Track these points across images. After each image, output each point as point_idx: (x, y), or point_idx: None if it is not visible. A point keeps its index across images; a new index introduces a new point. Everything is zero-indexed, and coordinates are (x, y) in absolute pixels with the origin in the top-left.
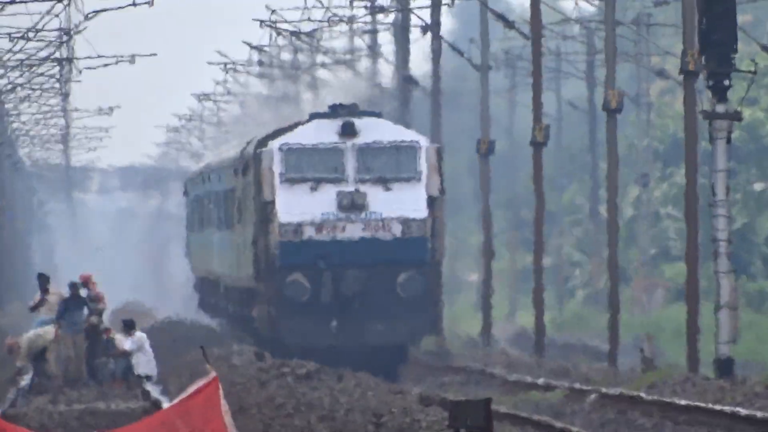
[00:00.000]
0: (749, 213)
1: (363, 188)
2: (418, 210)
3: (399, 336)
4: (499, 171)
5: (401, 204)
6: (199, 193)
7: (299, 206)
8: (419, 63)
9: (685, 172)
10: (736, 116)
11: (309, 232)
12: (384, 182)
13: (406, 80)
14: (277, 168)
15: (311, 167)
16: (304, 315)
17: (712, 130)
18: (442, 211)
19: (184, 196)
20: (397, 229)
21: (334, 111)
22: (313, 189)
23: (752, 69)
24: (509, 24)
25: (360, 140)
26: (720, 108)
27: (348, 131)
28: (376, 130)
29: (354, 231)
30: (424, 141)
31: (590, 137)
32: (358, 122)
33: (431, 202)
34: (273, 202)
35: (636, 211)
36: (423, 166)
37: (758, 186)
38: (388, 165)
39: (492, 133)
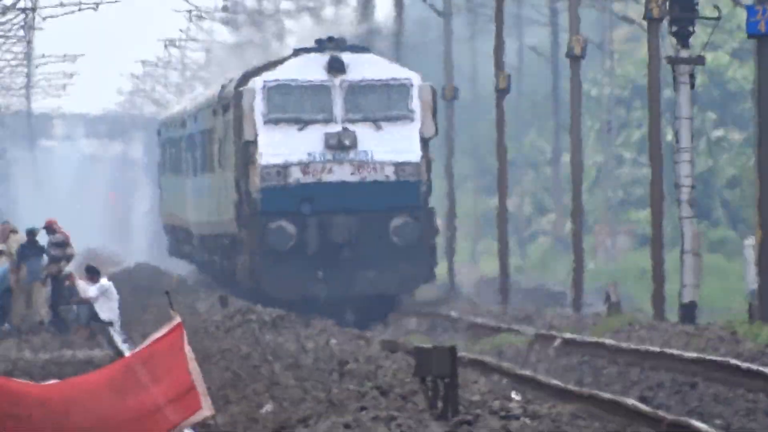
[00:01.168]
0: (710, 158)
1: (352, 128)
2: (412, 151)
3: (392, 286)
4: (462, 118)
5: (393, 145)
6: (173, 136)
7: (283, 147)
8: (383, 9)
9: (648, 118)
10: (700, 60)
11: (294, 175)
12: (375, 122)
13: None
14: (260, 107)
15: (296, 106)
16: (289, 264)
17: (676, 75)
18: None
19: (158, 137)
20: (389, 172)
21: (321, 45)
22: (299, 129)
23: (716, 15)
24: None
25: (348, 77)
26: (683, 53)
27: (336, 67)
28: (365, 67)
29: (342, 173)
30: (417, 79)
31: (553, 84)
32: (347, 58)
33: (425, 143)
34: (255, 143)
35: (600, 157)
36: (416, 105)
37: (717, 132)
38: (379, 103)
39: (455, 81)
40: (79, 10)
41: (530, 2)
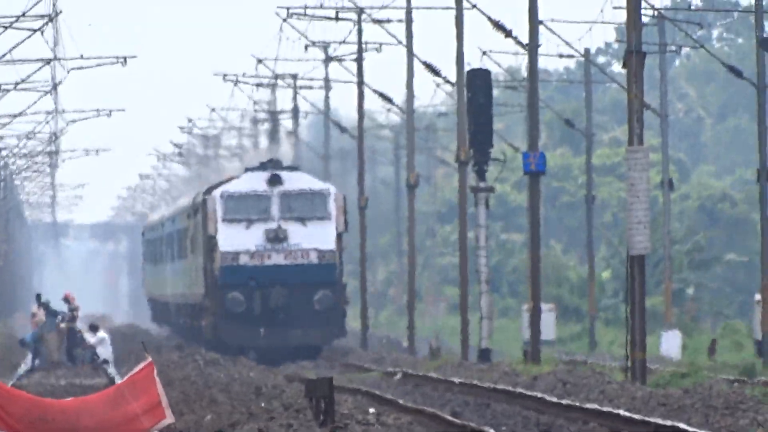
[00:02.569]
0: (500, 253)
1: (285, 225)
2: (329, 242)
3: (314, 340)
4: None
5: (316, 237)
6: (153, 236)
7: (236, 239)
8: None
9: (458, 227)
10: (491, 189)
11: (244, 259)
12: (302, 220)
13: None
14: (219, 210)
15: (245, 209)
16: (241, 323)
17: (476, 198)
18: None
19: (142, 237)
20: (312, 257)
21: (263, 165)
22: (247, 226)
23: (503, 159)
24: (344, 130)
25: (283, 188)
26: (482, 184)
27: (274, 181)
28: (296, 180)
29: (278, 258)
30: (333, 189)
31: (396, 205)
32: (283, 174)
33: (339, 236)
34: (215, 237)
35: (427, 252)
36: (332, 208)
37: (504, 236)
38: (305, 207)
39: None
40: (97, 152)
41: (379, 150)
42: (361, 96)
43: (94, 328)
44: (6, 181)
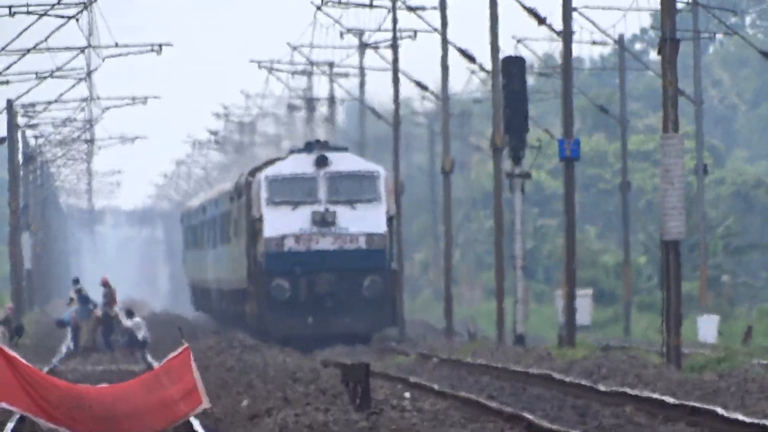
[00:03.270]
0: (535, 238)
1: (333, 208)
2: (379, 226)
3: (363, 328)
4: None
5: (365, 221)
6: (194, 222)
7: (281, 223)
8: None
9: (494, 213)
10: (528, 175)
11: (289, 244)
12: (350, 203)
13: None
14: (264, 193)
15: (291, 192)
16: (286, 311)
17: (512, 184)
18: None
19: (181, 224)
20: (361, 242)
21: (310, 146)
22: (293, 209)
23: (538, 145)
24: (380, 117)
25: (331, 169)
26: (517, 170)
27: (321, 162)
28: (344, 161)
29: (325, 243)
30: (382, 170)
31: (431, 191)
32: (330, 155)
33: (389, 220)
34: (261, 220)
35: (463, 237)
36: (382, 190)
37: (540, 222)
38: (354, 189)
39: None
40: (133, 141)
41: (416, 137)
42: (396, 83)
43: (130, 314)
44: (42, 168)
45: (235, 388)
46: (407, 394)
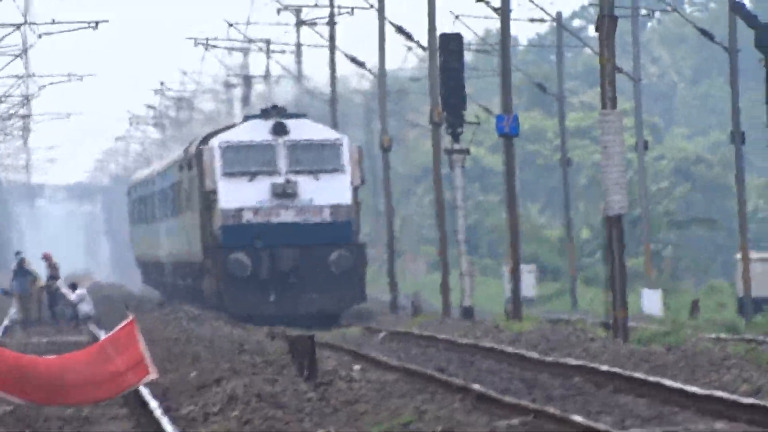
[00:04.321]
0: (477, 213)
1: (294, 178)
2: (345, 197)
3: (331, 306)
4: None
5: (329, 192)
6: (142, 194)
7: (238, 195)
8: None
9: (434, 188)
10: (466, 151)
11: (248, 216)
12: (313, 173)
13: None
14: (218, 163)
15: (247, 161)
16: (246, 288)
17: (452, 161)
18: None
19: (128, 197)
20: (326, 214)
21: (266, 113)
22: (250, 180)
23: (477, 121)
24: (316, 95)
25: (290, 137)
26: (456, 146)
27: (279, 130)
28: (304, 129)
29: (287, 215)
30: (346, 139)
31: (371, 168)
32: (288, 122)
33: (355, 190)
34: (215, 191)
35: (404, 212)
36: (346, 159)
37: (481, 197)
38: (316, 158)
39: None
40: (68, 116)
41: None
42: (332, 60)
43: (73, 286)
44: None
45: (183, 360)
46: (356, 366)
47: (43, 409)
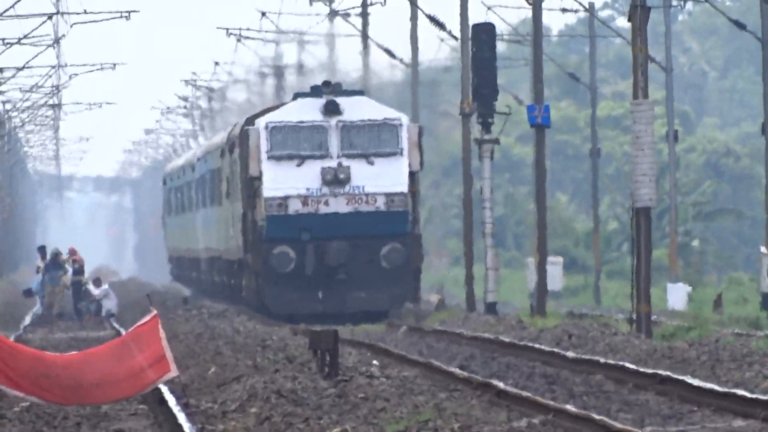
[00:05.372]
0: (505, 206)
1: (346, 163)
2: (401, 184)
3: (381, 304)
4: None
5: (384, 178)
6: (178, 183)
7: (285, 181)
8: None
9: (462, 179)
10: (496, 141)
11: (294, 206)
12: (367, 157)
13: None
14: (263, 145)
15: (296, 143)
16: (290, 285)
17: (481, 151)
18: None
19: (163, 185)
20: (380, 202)
21: (317, 90)
22: (298, 165)
23: (507, 111)
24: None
25: (343, 117)
26: (486, 136)
27: (332, 109)
28: (359, 108)
29: (338, 204)
30: (405, 119)
31: None
32: (342, 101)
33: (412, 176)
34: (259, 178)
35: (431, 203)
36: (405, 142)
37: (510, 189)
38: (372, 140)
39: None
40: (100, 106)
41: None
42: (366, 51)
43: (97, 282)
44: (10, 134)
45: (203, 356)
46: (375, 362)
47: (62, 407)
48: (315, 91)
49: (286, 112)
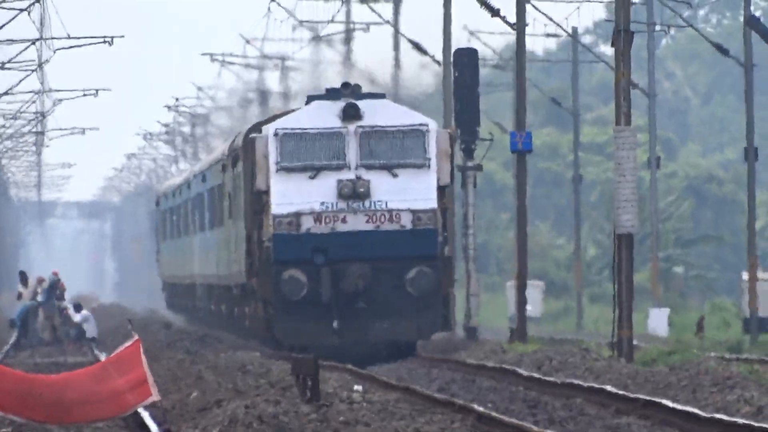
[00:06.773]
0: (487, 232)
1: (366, 175)
2: (429, 199)
3: (406, 335)
4: None
5: (410, 192)
6: (174, 203)
7: (296, 196)
8: None
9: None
10: (479, 168)
11: (307, 224)
12: (390, 168)
13: None
14: (272, 155)
15: (309, 153)
16: (302, 314)
17: (464, 177)
18: (452, 200)
19: (156, 207)
20: (405, 220)
21: (335, 93)
22: (312, 177)
23: (491, 138)
24: None
25: (364, 123)
26: (469, 163)
27: (351, 114)
28: (381, 112)
29: (357, 222)
30: (433, 125)
31: None
32: (363, 104)
33: (441, 190)
34: (267, 192)
35: None
36: (432, 151)
37: (491, 215)
38: (395, 150)
39: None
40: (84, 132)
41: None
42: (348, 76)
43: (78, 307)
44: None
45: (185, 381)
46: (357, 387)
47: (45, 427)
48: (332, 94)
49: (299, 117)
